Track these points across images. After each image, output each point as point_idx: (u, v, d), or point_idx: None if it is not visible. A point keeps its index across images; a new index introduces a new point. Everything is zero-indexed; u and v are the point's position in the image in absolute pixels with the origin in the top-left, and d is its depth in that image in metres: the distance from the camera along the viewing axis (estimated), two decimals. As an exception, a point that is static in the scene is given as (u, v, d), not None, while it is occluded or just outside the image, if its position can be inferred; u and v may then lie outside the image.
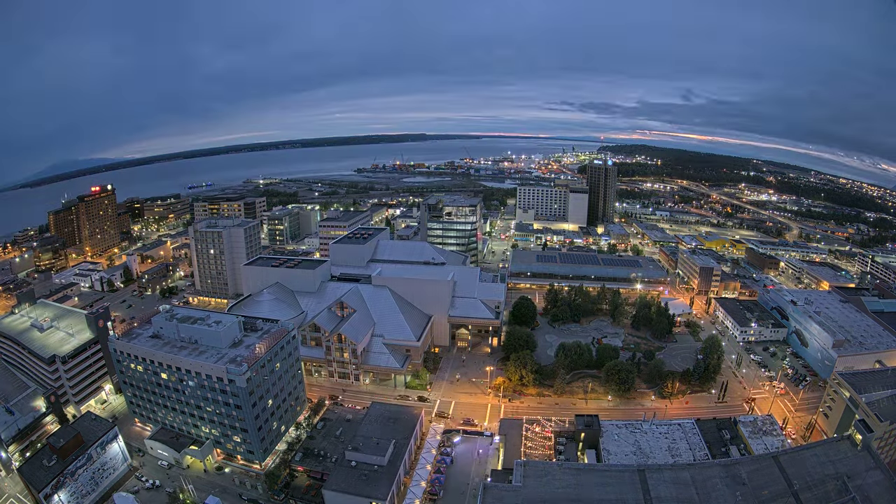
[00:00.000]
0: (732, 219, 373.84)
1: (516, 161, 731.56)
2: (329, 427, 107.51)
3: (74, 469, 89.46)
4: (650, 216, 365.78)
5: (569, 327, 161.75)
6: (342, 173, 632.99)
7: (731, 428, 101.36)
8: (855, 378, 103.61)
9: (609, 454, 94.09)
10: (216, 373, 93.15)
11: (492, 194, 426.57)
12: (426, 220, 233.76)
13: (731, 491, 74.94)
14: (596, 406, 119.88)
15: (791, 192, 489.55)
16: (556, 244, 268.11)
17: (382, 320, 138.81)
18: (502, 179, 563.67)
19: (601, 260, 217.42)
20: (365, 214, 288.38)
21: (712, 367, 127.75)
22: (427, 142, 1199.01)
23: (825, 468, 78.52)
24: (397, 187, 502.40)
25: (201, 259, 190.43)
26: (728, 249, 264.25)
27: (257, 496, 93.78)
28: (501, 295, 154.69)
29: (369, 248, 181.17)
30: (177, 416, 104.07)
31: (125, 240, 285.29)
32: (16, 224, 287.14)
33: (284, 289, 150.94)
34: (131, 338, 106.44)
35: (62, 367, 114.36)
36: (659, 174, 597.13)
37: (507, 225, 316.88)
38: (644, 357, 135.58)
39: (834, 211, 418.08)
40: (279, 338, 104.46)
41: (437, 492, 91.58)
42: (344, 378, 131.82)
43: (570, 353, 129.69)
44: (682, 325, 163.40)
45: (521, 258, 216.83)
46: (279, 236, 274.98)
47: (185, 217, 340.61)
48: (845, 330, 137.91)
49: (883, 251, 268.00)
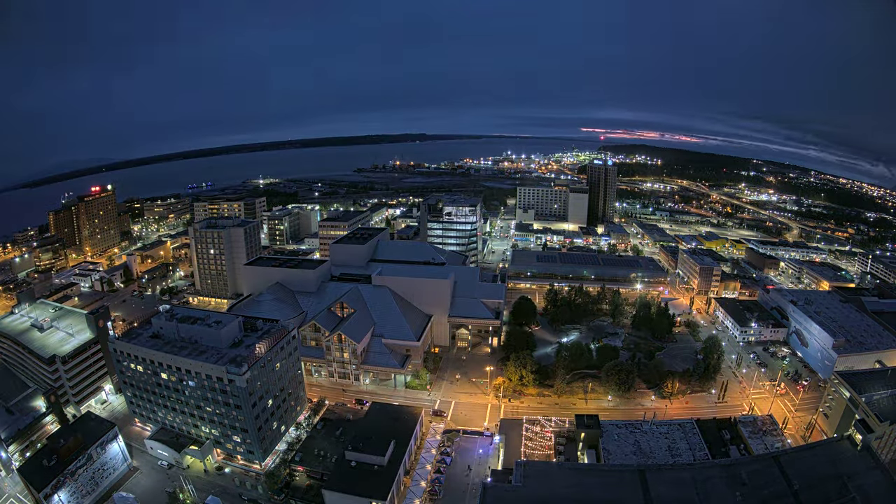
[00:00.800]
0: (732, 219, 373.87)
1: (516, 161, 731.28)
2: (329, 427, 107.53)
3: (74, 469, 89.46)
4: (650, 216, 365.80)
5: (569, 327, 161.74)
6: (342, 173, 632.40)
7: (731, 428, 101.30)
8: (855, 378, 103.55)
9: (609, 454, 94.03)
10: (216, 373, 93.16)
11: (492, 194, 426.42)
12: (426, 220, 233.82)
13: (731, 491, 74.88)
14: (596, 406, 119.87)
15: (791, 192, 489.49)
16: (556, 244, 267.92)
17: (382, 320, 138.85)
18: (502, 180, 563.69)
19: (601, 260, 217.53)
20: (365, 214, 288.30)
21: (712, 367, 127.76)
22: (427, 142, 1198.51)
23: (825, 468, 78.46)
24: (397, 187, 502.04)
25: (201, 259, 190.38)
26: (728, 249, 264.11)
27: (257, 496, 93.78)
28: (501, 295, 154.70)
29: (369, 248, 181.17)
30: (177, 417, 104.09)
31: (125, 240, 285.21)
32: (16, 224, 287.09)
33: (284, 289, 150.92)
34: (131, 338, 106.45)
35: (62, 367, 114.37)
36: (659, 174, 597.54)
37: (507, 225, 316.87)
38: (644, 357, 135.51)
39: (834, 211, 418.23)
40: (279, 338, 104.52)
41: (437, 492, 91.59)
42: (344, 378, 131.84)
43: (570, 353, 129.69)
44: (682, 325, 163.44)
45: (521, 258, 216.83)
46: (279, 236, 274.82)
47: (185, 217, 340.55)
48: (845, 330, 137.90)
49: (882, 251, 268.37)
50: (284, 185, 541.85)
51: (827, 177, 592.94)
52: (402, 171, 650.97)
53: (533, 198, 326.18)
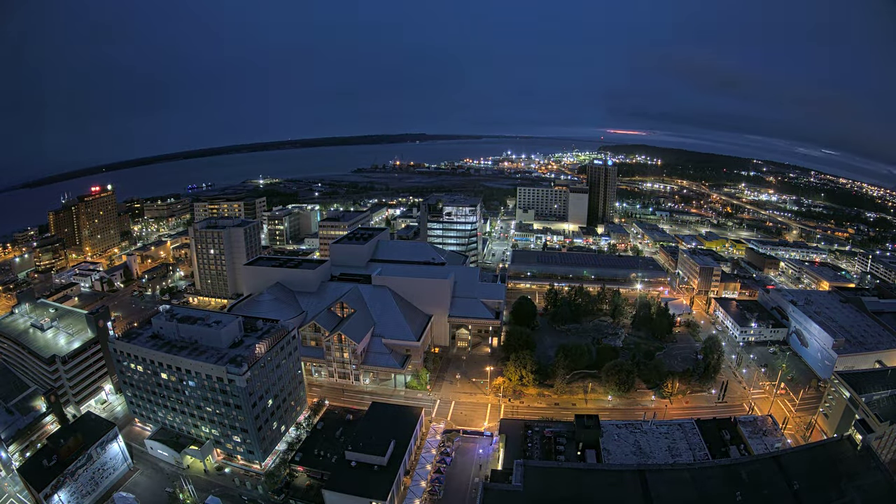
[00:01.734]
0: (732, 219, 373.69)
1: (516, 161, 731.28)
2: (329, 427, 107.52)
3: (74, 469, 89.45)
4: (650, 216, 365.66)
5: (569, 327, 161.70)
6: (342, 173, 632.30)
7: (731, 428, 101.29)
8: (855, 378, 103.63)
9: (609, 454, 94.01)
10: (216, 373, 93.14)
11: (492, 194, 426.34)
12: (426, 220, 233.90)
13: (730, 491, 74.93)
14: (596, 406, 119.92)
15: (791, 192, 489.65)
16: (556, 244, 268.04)
17: (382, 320, 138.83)
18: (502, 180, 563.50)
19: (601, 260, 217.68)
20: (365, 214, 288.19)
21: (712, 367, 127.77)
22: (427, 142, 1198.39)
23: (825, 468, 78.55)
24: (397, 187, 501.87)
25: (201, 259, 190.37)
26: (728, 249, 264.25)
27: (257, 496, 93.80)
28: (501, 295, 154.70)
29: (369, 248, 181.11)
30: (177, 417, 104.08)
31: (125, 240, 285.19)
32: (16, 224, 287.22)
33: (284, 289, 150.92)
34: (131, 338, 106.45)
35: (62, 367, 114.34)
36: (659, 174, 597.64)
37: (507, 225, 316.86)
38: (644, 357, 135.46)
39: (834, 211, 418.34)
40: (279, 338, 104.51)
41: (437, 492, 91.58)
42: (344, 378, 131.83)
43: (570, 353, 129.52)
44: (682, 325, 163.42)
45: (521, 258, 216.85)
46: (279, 236, 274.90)
47: (185, 217, 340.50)
48: (845, 330, 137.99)
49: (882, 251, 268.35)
50: (284, 185, 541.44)
51: (827, 177, 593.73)
52: (402, 171, 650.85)
53: (533, 198, 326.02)
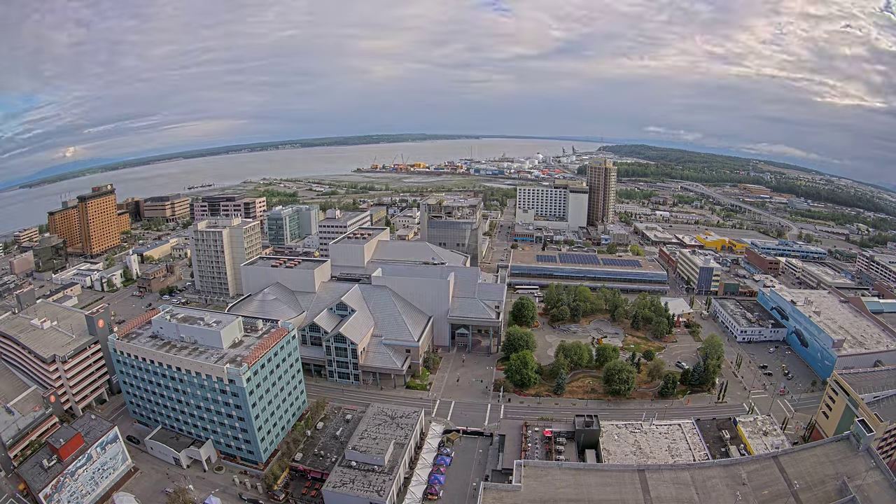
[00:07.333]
0: (732, 219, 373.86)
1: (516, 161, 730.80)
2: (329, 427, 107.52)
3: (74, 469, 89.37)
4: (650, 216, 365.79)
5: (569, 327, 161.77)
6: (342, 173, 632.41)
7: (731, 428, 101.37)
8: (855, 378, 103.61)
9: (609, 454, 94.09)
10: (216, 373, 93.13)
11: (492, 194, 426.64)
12: (426, 220, 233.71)
13: (731, 491, 75.00)
14: (596, 406, 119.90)
15: (791, 192, 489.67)
16: (556, 244, 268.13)
17: (382, 320, 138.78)
18: (502, 180, 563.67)
19: (601, 260, 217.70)
20: (365, 214, 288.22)
21: (712, 368, 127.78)
22: (427, 142, 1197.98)
23: (825, 468, 78.54)
24: (397, 187, 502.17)
25: (201, 259, 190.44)
26: (728, 249, 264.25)
27: (257, 496, 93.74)
28: (501, 295, 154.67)
29: (369, 248, 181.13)
30: (177, 416, 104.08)
31: (125, 240, 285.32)
32: (16, 224, 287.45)
33: (284, 289, 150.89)
34: (131, 338, 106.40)
35: (62, 367, 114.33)
36: (659, 174, 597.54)
37: (507, 225, 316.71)
38: (644, 357, 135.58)
39: (834, 211, 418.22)
40: (279, 338, 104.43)
41: (436, 492, 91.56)
42: (344, 378, 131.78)
43: (569, 353, 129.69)
44: (682, 325, 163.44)
45: (521, 258, 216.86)
46: (279, 236, 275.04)
47: (184, 217, 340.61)
48: (845, 330, 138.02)
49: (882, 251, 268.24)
50: (284, 185, 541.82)
51: (827, 177, 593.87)
52: (402, 171, 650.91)
53: (533, 198, 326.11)
